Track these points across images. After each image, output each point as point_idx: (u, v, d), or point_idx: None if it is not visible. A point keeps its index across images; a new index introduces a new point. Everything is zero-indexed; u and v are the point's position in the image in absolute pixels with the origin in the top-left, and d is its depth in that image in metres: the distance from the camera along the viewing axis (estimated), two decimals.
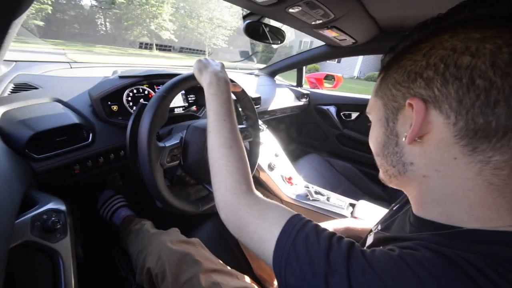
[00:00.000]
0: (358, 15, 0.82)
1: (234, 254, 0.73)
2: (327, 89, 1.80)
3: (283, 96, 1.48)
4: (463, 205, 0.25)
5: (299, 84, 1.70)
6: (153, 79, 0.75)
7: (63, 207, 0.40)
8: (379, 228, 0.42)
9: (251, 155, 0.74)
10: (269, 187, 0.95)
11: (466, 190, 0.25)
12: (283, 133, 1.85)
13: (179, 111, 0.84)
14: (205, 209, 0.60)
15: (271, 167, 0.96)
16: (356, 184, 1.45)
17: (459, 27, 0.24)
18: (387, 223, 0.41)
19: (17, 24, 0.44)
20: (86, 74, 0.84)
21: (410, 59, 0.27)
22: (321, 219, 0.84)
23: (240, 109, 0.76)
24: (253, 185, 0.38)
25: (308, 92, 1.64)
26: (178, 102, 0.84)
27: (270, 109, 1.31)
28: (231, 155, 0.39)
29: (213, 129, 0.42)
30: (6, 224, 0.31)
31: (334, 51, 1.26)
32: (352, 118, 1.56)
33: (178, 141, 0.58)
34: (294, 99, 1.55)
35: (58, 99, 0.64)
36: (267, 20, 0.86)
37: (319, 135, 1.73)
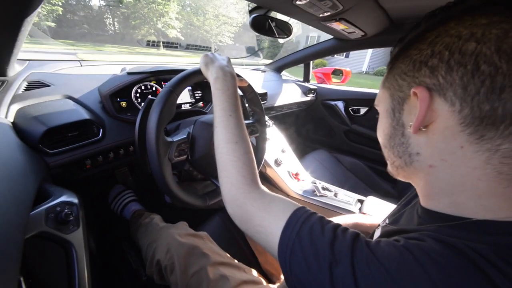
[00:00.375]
0: (367, 6, 0.79)
1: (241, 248, 0.74)
2: (335, 84, 1.77)
3: (290, 91, 1.46)
4: (471, 195, 0.25)
5: (306, 79, 1.68)
6: (161, 75, 0.76)
7: (75, 200, 0.41)
8: (387, 222, 0.41)
9: (257, 151, 0.74)
10: (276, 183, 0.95)
11: (474, 179, 0.24)
12: (290, 129, 1.84)
13: (186, 107, 0.84)
14: (212, 203, 0.60)
15: (277, 163, 0.96)
16: (364, 180, 1.43)
17: (465, 14, 0.24)
18: (395, 217, 0.40)
19: (29, 22, 0.45)
20: (95, 71, 0.86)
21: (416, 48, 0.27)
22: (329, 214, 0.83)
23: (246, 104, 0.75)
24: (258, 179, 0.38)
25: (315, 87, 1.62)
26: (185, 98, 0.85)
27: (276, 104, 1.30)
28: (237, 150, 0.39)
29: (220, 124, 0.42)
30: (22, 215, 0.32)
31: (342, 45, 1.23)
32: (360, 113, 1.53)
33: (185, 136, 0.58)
34: (301, 95, 1.53)
35: (69, 96, 0.65)
36: (273, 14, 0.85)
37: (327, 131, 1.71)
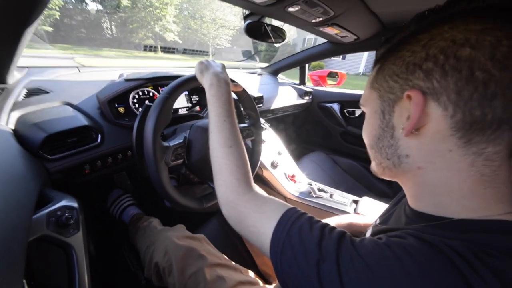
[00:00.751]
0: (359, 11, 0.81)
1: (238, 250, 0.75)
2: (331, 87, 1.80)
3: (286, 94, 1.48)
4: (456, 196, 0.26)
5: (302, 82, 1.70)
6: (157, 81, 0.77)
7: (75, 204, 0.43)
8: (378, 222, 0.43)
9: (253, 153, 0.76)
10: (272, 185, 0.96)
11: (459, 181, 0.25)
12: (287, 131, 1.85)
13: (183, 111, 0.86)
14: (209, 206, 0.61)
15: (274, 165, 0.97)
16: (361, 181, 1.44)
17: (458, 18, 0.24)
18: (385, 216, 0.42)
19: (30, 32, 0.47)
20: (93, 78, 0.87)
21: (409, 50, 0.27)
22: (324, 215, 0.85)
23: (241, 108, 0.77)
24: (252, 182, 0.40)
25: (311, 90, 1.64)
26: (182, 103, 0.86)
27: (272, 107, 1.32)
28: (231, 154, 0.40)
29: (214, 129, 0.43)
30: (24, 219, 0.33)
31: (336, 48, 1.26)
32: (356, 115, 1.55)
33: (182, 141, 0.60)
34: (297, 97, 1.55)
35: (68, 103, 0.67)
36: (267, 19, 0.87)
37: (323, 133, 1.73)
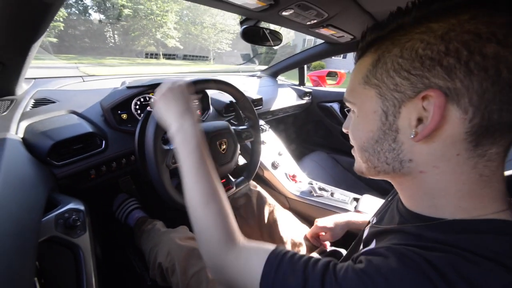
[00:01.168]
0: (353, 11, 0.83)
1: None
2: (331, 86, 1.81)
3: (286, 95, 1.50)
4: (453, 198, 0.25)
5: (301, 82, 1.72)
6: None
7: (82, 207, 0.45)
8: (374, 221, 0.43)
9: (253, 154, 0.77)
10: (273, 185, 0.97)
11: (460, 184, 0.24)
12: (287, 132, 1.87)
13: None
14: None
15: (274, 166, 0.99)
16: (362, 179, 1.45)
17: (477, 7, 0.21)
18: (381, 214, 0.41)
19: (37, 46, 0.50)
20: (97, 86, 0.90)
21: (421, 41, 0.23)
22: (325, 214, 0.85)
23: (240, 111, 0.79)
24: (235, 233, 0.35)
25: (310, 90, 1.65)
26: None
27: (272, 109, 1.33)
28: (209, 213, 0.35)
29: (187, 185, 0.38)
30: (35, 221, 0.35)
31: (333, 48, 1.27)
32: None
33: None
34: (296, 98, 1.56)
35: (73, 111, 0.69)
36: (264, 23, 0.89)
37: (324, 132, 1.74)
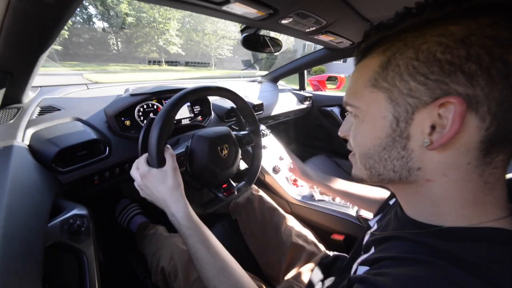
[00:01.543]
0: (351, 18, 0.84)
1: (241, 253, 0.76)
2: (331, 91, 1.82)
3: (286, 100, 1.51)
4: (457, 206, 0.25)
5: (302, 87, 1.73)
6: (161, 95, 0.81)
7: (86, 213, 0.46)
8: (375, 227, 0.42)
9: (254, 159, 0.78)
10: (275, 189, 0.98)
11: (465, 192, 0.24)
12: (288, 136, 1.88)
13: (185, 121, 0.89)
14: (211, 211, 0.63)
15: (275, 170, 0.99)
16: (364, 183, 1.44)
17: (495, 11, 0.21)
18: (381, 220, 0.41)
19: (44, 57, 0.52)
20: (101, 93, 0.92)
21: (439, 44, 0.22)
22: (327, 218, 0.86)
23: (241, 116, 0.80)
24: None
25: (311, 94, 1.67)
26: (184, 113, 0.90)
27: (273, 114, 1.35)
28: (224, 282, 0.38)
29: (195, 262, 0.42)
30: (41, 226, 0.36)
31: (333, 54, 1.29)
32: None
33: (184, 150, 0.63)
34: (297, 103, 1.58)
35: (78, 118, 0.71)
36: (263, 30, 0.91)
37: (325, 136, 1.74)
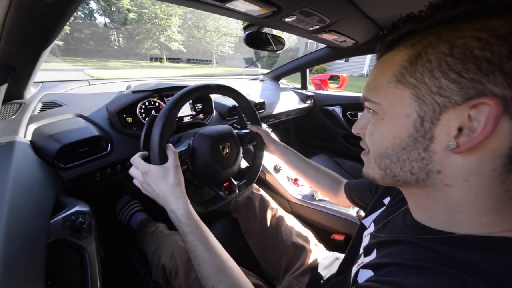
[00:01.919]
0: (355, 17, 0.84)
1: (241, 251, 0.77)
2: (333, 90, 1.81)
3: (288, 99, 1.51)
4: (475, 213, 0.24)
5: (304, 86, 1.73)
6: (163, 92, 0.81)
7: (88, 209, 0.46)
8: (373, 228, 0.40)
9: (255, 158, 0.78)
10: (275, 188, 0.98)
11: (485, 199, 0.23)
12: (290, 135, 1.87)
13: (187, 119, 0.89)
14: (212, 209, 0.63)
15: (276, 169, 0.99)
16: None
17: None
18: (383, 223, 0.39)
19: (46, 53, 0.51)
20: (103, 90, 0.92)
21: (477, 39, 0.20)
22: (327, 218, 0.86)
23: (243, 114, 0.80)
24: None
25: (312, 93, 1.66)
26: (186, 111, 0.90)
27: (275, 112, 1.34)
28: (222, 281, 0.38)
29: (193, 261, 0.41)
30: (43, 223, 0.36)
31: (336, 53, 1.28)
32: (358, 117, 1.56)
33: (186, 148, 0.62)
34: (299, 102, 1.57)
35: (80, 115, 0.71)
36: (266, 29, 0.91)
37: (326, 136, 1.74)
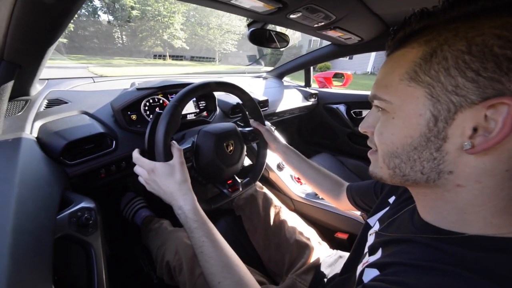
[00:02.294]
0: (361, 14, 0.82)
1: (245, 249, 0.77)
2: (337, 88, 1.80)
3: (291, 97, 1.50)
4: (486, 213, 0.23)
5: (307, 84, 1.71)
6: (167, 89, 0.81)
7: (93, 206, 0.46)
8: (378, 227, 0.40)
9: (259, 156, 0.78)
10: (279, 187, 0.98)
11: (497, 200, 0.23)
12: (293, 133, 1.86)
13: (191, 117, 0.89)
14: (216, 207, 0.64)
15: (280, 167, 0.99)
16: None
17: None
18: (388, 222, 0.39)
19: (51, 50, 0.52)
20: (107, 87, 0.92)
21: (498, 37, 0.19)
22: (331, 216, 0.85)
23: (246, 112, 0.80)
24: None
25: (316, 91, 1.65)
26: (190, 109, 0.90)
27: (278, 110, 1.34)
28: (228, 278, 0.39)
29: (199, 257, 0.43)
30: (50, 219, 0.37)
31: (340, 50, 1.27)
32: (362, 115, 1.54)
33: (190, 145, 0.62)
34: (302, 100, 1.56)
35: (85, 112, 0.71)
36: (271, 25, 0.90)
37: (330, 134, 1.73)
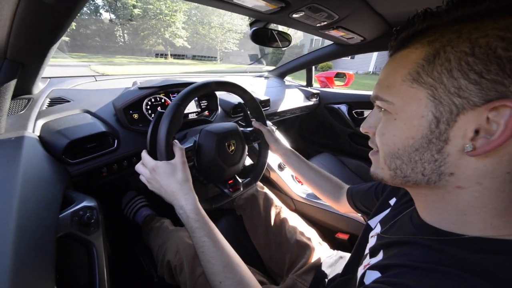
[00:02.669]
0: (363, 13, 0.82)
1: (245, 248, 0.77)
2: (339, 87, 1.79)
3: (293, 96, 1.49)
4: (487, 215, 0.23)
5: (309, 83, 1.71)
6: (169, 89, 0.81)
7: (95, 204, 0.46)
8: (379, 229, 0.40)
9: (260, 156, 0.78)
10: (280, 187, 0.98)
11: (498, 201, 0.23)
12: (295, 133, 1.86)
13: (193, 116, 0.89)
14: (217, 206, 0.64)
15: (281, 167, 0.99)
16: (369, 182, 1.43)
17: None
18: (389, 224, 0.39)
19: (54, 48, 0.52)
20: (109, 86, 0.92)
21: (501, 39, 0.19)
22: (331, 217, 0.85)
23: (248, 112, 0.79)
24: None
25: (318, 91, 1.64)
26: (191, 108, 0.90)
27: (279, 110, 1.33)
28: (229, 278, 0.39)
29: (200, 256, 0.42)
30: (52, 218, 0.37)
31: (343, 50, 1.26)
32: (364, 116, 1.54)
33: (192, 144, 0.62)
34: (304, 99, 1.56)
35: (87, 110, 0.71)
36: (273, 25, 0.89)
37: (331, 134, 1.72)
